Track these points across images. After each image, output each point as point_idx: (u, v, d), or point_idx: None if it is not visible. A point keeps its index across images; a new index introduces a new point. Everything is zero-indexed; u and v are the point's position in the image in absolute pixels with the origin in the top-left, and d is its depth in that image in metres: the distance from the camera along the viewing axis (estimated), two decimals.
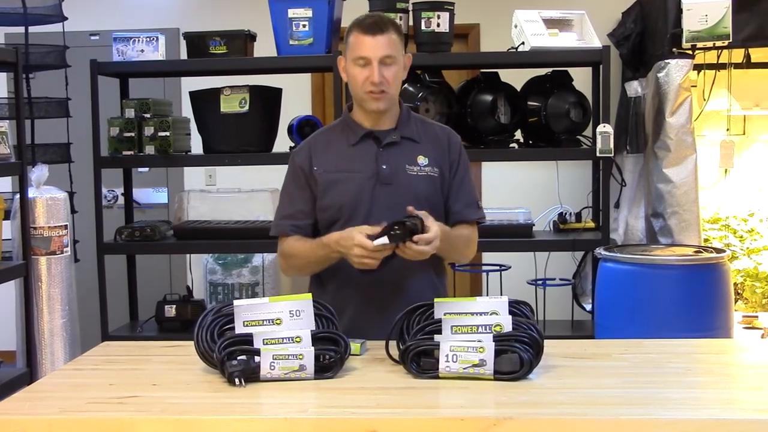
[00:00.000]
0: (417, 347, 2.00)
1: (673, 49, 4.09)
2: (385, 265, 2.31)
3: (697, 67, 4.22)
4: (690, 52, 4.10)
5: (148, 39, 4.12)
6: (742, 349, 2.39)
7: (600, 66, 3.94)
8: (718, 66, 4.23)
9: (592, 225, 4.17)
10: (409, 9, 3.94)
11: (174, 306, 4.16)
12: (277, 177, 2.55)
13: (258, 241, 3.98)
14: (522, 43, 3.96)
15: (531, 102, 4.06)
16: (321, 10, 3.92)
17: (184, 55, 4.30)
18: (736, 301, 4.36)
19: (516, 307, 2.08)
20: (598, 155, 3.88)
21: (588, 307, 4.42)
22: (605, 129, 3.87)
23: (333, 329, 2.07)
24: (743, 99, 4.62)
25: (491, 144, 4.04)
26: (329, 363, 2.00)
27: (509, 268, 4.32)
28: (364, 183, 2.41)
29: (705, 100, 4.27)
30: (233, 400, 1.87)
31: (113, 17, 5.34)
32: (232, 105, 4.03)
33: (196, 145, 4.35)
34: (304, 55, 3.97)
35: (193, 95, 4.20)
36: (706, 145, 4.61)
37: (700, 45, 4.01)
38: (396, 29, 2.41)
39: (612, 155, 3.91)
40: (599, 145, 3.86)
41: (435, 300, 2.09)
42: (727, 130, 4.49)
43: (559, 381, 1.96)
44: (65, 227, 3.78)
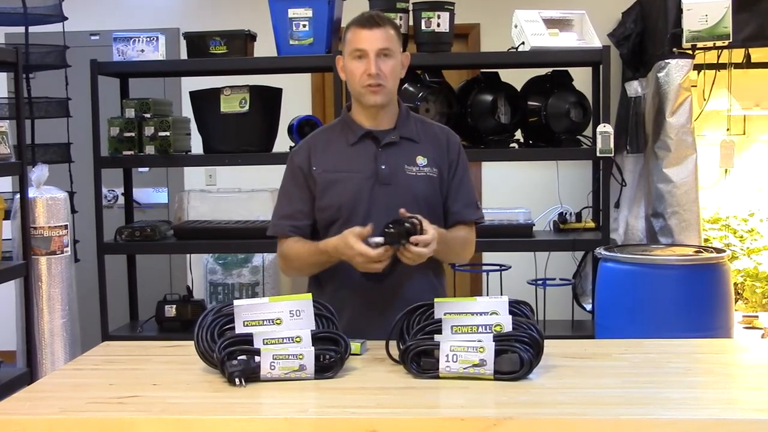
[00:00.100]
0: (417, 347, 2.00)
1: (674, 49, 4.09)
2: (389, 268, 2.31)
3: (697, 67, 4.23)
4: (690, 52, 4.10)
5: (148, 39, 4.12)
6: (742, 349, 2.39)
7: (600, 66, 3.94)
8: (718, 66, 4.23)
9: (592, 225, 4.17)
10: (409, 9, 3.94)
11: (174, 306, 4.15)
12: (278, 177, 2.54)
13: (258, 241, 3.98)
14: (522, 43, 3.96)
15: (531, 102, 4.06)
16: (321, 10, 3.92)
17: (184, 55, 4.30)
18: (736, 301, 4.35)
19: (516, 307, 2.08)
20: (598, 155, 3.88)
21: (588, 307, 4.41)
22: (605, 129, 3.87)
23: (333, 329, 2.07)
24: (743, 99, 4.62)
25: (491, 144, 4.03)
26: (329, 363, 2.00)
27: (509, 268, 4.32)
28: (363, 183, 2.40)
29: (705, 100, 4.27)
30: (233, 400, 1.86)
31: (113, 17, 5.35)
32: (232, 105, 4.03)
33: (196, 145, 4.35)
34: (304, 55, 3.97)
35: (193, 95, 4.20)
36: (706, 145, 4.61)
37: (700, 45, 4.01)
38: (393, 26, 2.41)
39: (612, 155, 3.91)
40: (599, 145, 3.86)
41: (435, 300, 2.08)
42: (728, 130, 4.50)
43: (559, 381, 1.96)
44: (65, 227, 3.78)
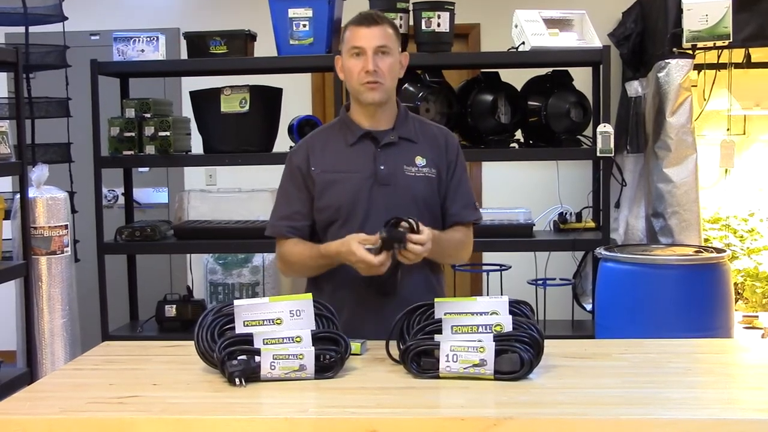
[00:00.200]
0: (417, 347, 2.00)
1: (674, 49, 4.09)
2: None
3: (698, 67, 4.23)
4: (690, 52, 4.10)
5: (148, 39, 4.12)
6: (742, 349, 2.39)
7: (600, 66, 3.94)
8: (718, 66, 4.23)
9: (592, 225, 4.17)
10: (410, 9, 3.94)
11: (174, 306, 4.15)
12: (278, 177, 2.54)
13: (258, 241, 3.96)
14: (522, 43, 3.96)
15: (531, 102, 4.06)
16: (321, 9, 3.92)
17: (184, 55, 4.30)
18: (736, 301, 4.35)
19: (516, 307, 2.08)
20: (598, 155, 3.88)
21: (588, 307, 4.41)
22: (605, 129, 3.86)
23: (333, 329, 2.07)
24: (743, 99, 4.62)
25: (491, 144, 4.03)
26: (329, 363, 2.00)
27: (509, 267, 4.32)
28: (361, 183, 2.40)
29: (705, 100, 4.27)
30: (233, 400, 1.86)
31: (113, 17, 5.35)
32: (232, 105, 4.03)
33: (196, 145, 4.35)
34: (304, 55, 3.97)
35: (194, 95, 4.20)
36: (706, 145, 4.61)
37: (700, 45, 4.01)
38: (391, 25, 2.41)
39: (612, 155, 3.91)
40: (599, 145, 3.86)
41: (435, 300, 2.09)
42: (728, 129, 4.50)
43: (560, 381, 1.96)
44: (65, 227, 3.78)
